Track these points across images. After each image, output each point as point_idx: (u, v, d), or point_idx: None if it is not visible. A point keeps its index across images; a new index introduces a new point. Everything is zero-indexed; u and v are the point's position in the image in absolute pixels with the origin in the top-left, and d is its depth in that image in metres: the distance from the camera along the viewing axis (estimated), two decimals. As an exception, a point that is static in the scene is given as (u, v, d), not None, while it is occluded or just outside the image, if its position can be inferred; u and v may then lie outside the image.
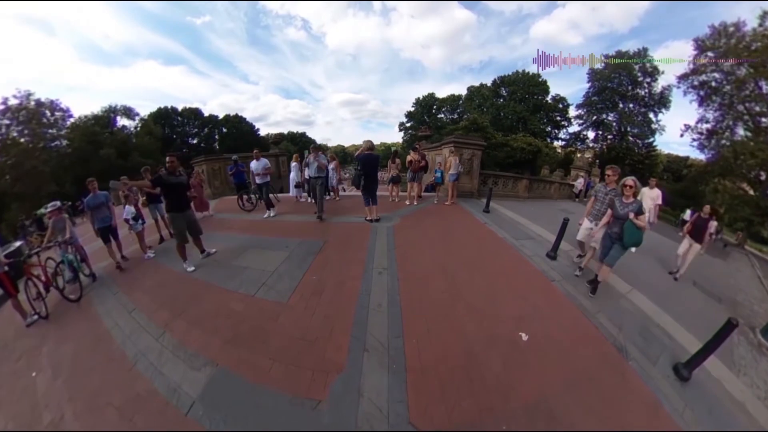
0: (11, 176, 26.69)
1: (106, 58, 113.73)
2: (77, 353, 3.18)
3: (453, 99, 55.37)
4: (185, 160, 4.77)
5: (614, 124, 40.22)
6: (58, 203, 5.13)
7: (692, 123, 26.23)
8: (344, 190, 11.13)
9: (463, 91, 54.19)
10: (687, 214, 14.71)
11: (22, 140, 29.93)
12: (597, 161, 27.15)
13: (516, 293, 3.84)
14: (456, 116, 53.18)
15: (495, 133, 31.44)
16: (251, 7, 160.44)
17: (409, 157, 8.55)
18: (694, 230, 5.70)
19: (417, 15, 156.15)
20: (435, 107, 56.14)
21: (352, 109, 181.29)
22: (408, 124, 56.83)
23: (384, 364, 2.62)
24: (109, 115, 43.27)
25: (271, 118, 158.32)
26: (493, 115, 45.40)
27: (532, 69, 51.68)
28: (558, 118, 46.34)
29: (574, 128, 44.96)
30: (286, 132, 70.72)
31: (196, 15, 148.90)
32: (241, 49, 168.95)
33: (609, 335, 3.22)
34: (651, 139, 38.66)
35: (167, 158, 4.70)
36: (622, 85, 39.04)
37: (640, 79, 37.99)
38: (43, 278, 4.48)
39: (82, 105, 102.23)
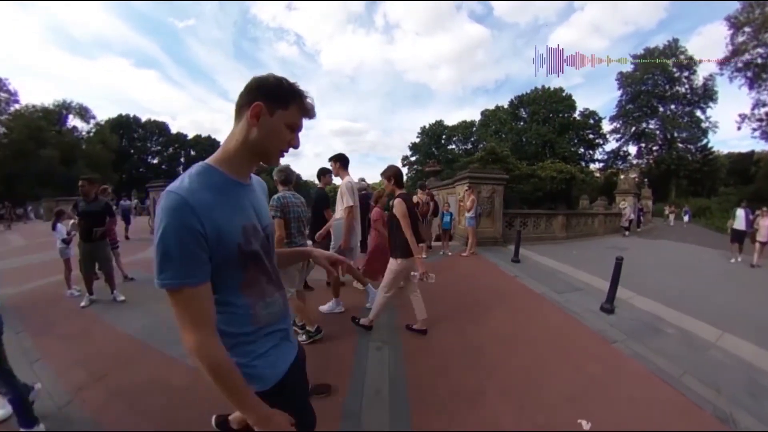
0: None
1: (73, 44, 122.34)
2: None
3: (465, 126, 57.88)
4: (138, 182, 4.97)
5: (657, 132, 41.13)
6: None
7: (748, 111, 26.57)
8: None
9: (477, 116, 57.34)
10: (738, 218, 10.18)
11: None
12: (645, 180, 27.18)
13: (566, 365, 3.60)
14: (470, 146, 55.24)
15: (518, 162, 32.06)
16: (241, 15, 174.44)
17: (415, 198, 8.61)
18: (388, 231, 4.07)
19: (423, 32, 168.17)
20: (444, 137, 58.59)
21: (347, 139, 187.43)
22: (413, 158, 58.77)
23: (387, 479, 2.38)
24: (60, 110, 44.06)
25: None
26: (513, 141, 46.98)
27: (554, 83, 54.18)
28: (591, 136, 47.65)
29: (612, 145, 46.09)
30: (266, 163, 72.70)
31: (180, 17, 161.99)
32: (225, 62, 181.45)
33: (705, 402, 2.96)
34: (704, 141, 39.28)
35: (79, 182, 5.23)
36: (658, 86, 40.44)
37: (677, 74, 39.29)
38: None
39: (33, 91, 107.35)
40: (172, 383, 3.25)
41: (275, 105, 1.07)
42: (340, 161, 4.60)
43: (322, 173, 5.46)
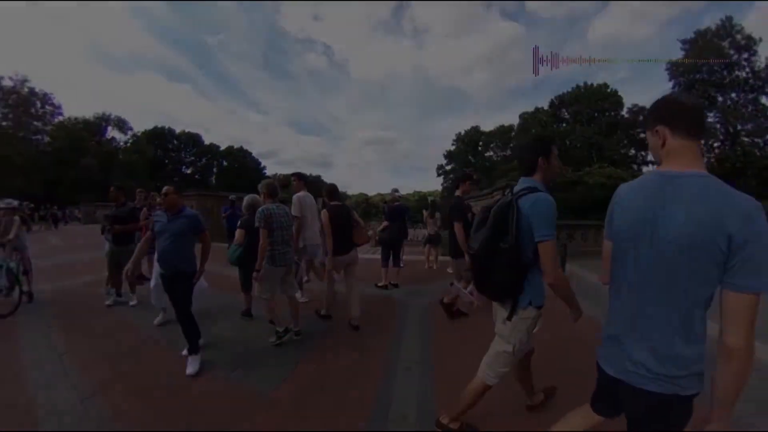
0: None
1: (110, 61, 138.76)
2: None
3: (503, 131, 57.01)
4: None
5: (718, 125, 38.19)
6: (15, 203, 5.95)
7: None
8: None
9: (515, 120, 56.23)
10: None
11: (3, 123, 35.03)
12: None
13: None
14: (509, 152, 54.10)
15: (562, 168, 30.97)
16: (270, 27, 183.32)
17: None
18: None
19: (453, 34, 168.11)
20: (481, 143, 57.88)
21: (379, 148, 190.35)
22: (448, 167, 58.37)
23: None
24: (100, 123, 48.72)
25: (281, 155, 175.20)
26: (555, 145, 45.39)
27: (597, 79, 52.07)
28: (642, 136, 45.16)
29: (667, 144, 43.28)
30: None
31: (211, 32, 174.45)
32: (255, 75, 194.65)
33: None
34: (774, 131, 35.73)
35: (110, 189, 5.93)
36: (715, 73, 37.57)
37: (735, 57, 36.16)
38: None
39: (75, 104, 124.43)
40: (192, 389, 3.41)
41: None
42: (302, 178, 5.95)
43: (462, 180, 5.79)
